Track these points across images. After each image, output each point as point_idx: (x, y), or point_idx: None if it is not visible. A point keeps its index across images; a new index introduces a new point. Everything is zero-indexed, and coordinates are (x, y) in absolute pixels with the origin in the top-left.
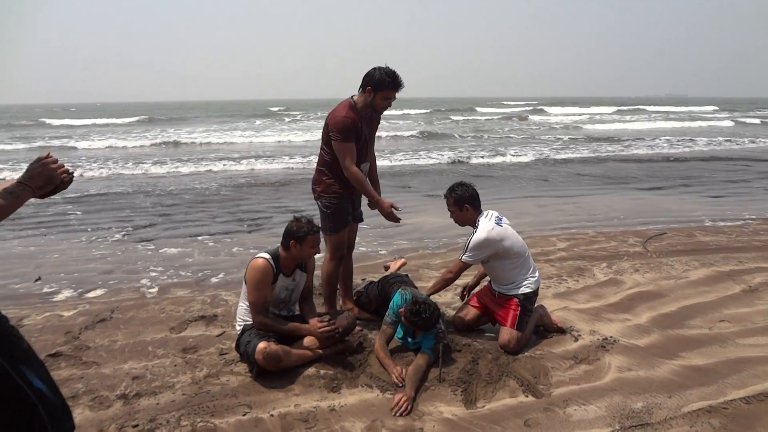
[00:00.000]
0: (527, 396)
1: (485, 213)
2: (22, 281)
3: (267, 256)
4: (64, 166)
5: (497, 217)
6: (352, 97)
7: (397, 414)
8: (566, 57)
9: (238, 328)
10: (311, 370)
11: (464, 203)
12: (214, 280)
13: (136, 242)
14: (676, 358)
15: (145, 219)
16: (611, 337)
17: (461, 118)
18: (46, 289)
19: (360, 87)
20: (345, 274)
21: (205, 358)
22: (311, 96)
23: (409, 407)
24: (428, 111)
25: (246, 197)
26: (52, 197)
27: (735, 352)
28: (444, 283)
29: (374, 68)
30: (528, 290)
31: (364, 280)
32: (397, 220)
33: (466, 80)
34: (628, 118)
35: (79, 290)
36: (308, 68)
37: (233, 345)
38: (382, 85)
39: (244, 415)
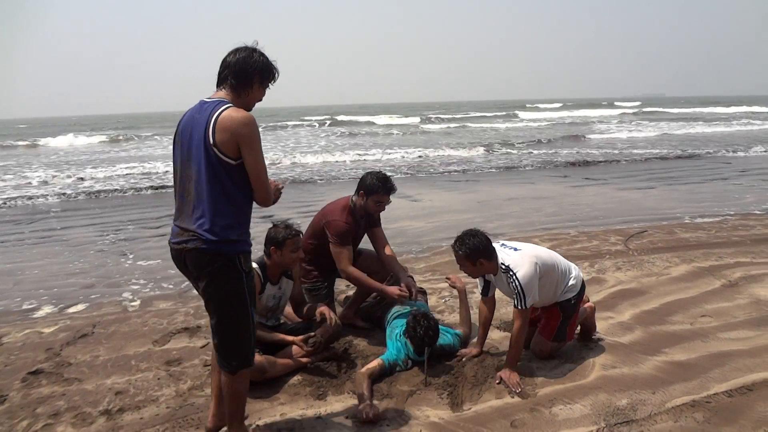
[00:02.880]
0: (513, 397)
1: (499, 250)
2: (1, 298)
3: (254, 264)
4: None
5: (503, 244)
6: (351, 198)
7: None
8: (542, 59)
9: None
10: (296, 379)
11: (478, 258)
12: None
13: (118, 255)
14: (659, 354)
15: (125, 231)
16: (595, 335)
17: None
18: (25, 306)
19: (355, 191)
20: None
21: (189, 370)
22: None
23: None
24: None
25: None
26: None
27: (717, 347)
28: (523, 341)
29: (367, 173)
30: (571, 294)
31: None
32: (411, 297)
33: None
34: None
35: (60, 306)
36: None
37: None
38: (373, 190)
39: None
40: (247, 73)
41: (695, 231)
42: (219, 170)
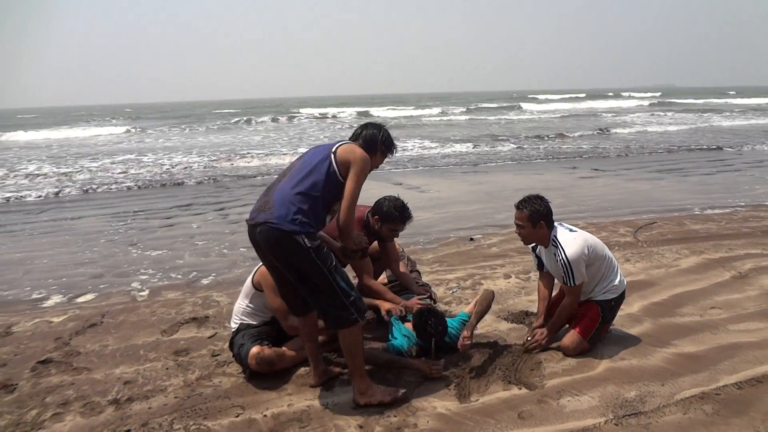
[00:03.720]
0: (520, 388)
1: (556, 227)
2: (11, 288)
3: None
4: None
5: (560, 223)
6: (367, 213)
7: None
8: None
9: (234, 325)
10: (304, 370)
11: (540, 220)
12: (205, 281)
13: (127, 245)
14: (668, 346)
15: (134, 221)
16: None
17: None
18: (35, 296)
19: (371, 211)
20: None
21: (197, 360)
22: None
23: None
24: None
25: (234, 197)
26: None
27: (726, 339)
28: (568, 316)
29: (384, 198)
30: (612, 296)
31: None
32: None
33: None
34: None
35: (69, 295)
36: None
37: (226, 345)
38: (389, 218)
39: (237, 416)
40: (374, 145)
41: (705, 222)
42: (328, 184)
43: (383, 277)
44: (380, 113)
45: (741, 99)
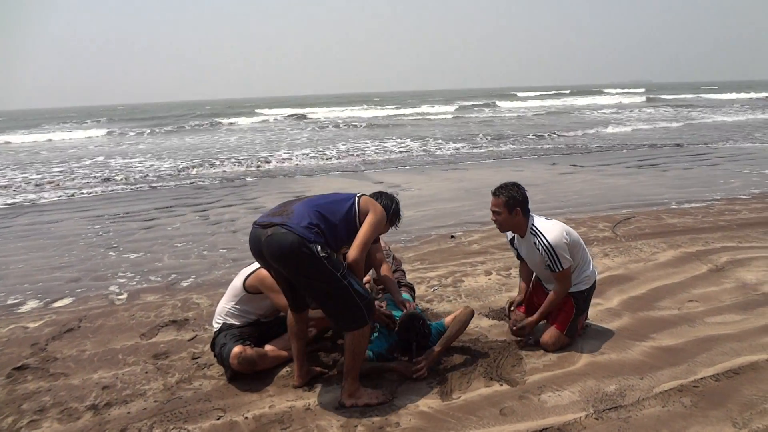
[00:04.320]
0: (502, 385)
1: (533, 216)
2: None
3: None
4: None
5: (538, 214)
6: None
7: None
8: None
9: (215, 326)
10: (286, 370)
11: (516, 206)
12: (184, 283)
13: (104, 248)
14: (646, 339)
15: (113, 224)
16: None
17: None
18: (10, 301)
19: None
20: None
21: (177, 364)
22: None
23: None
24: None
25: (214, 197)
26: None
27: (704, 331)
28: (557, 302)
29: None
30: (585, 287)
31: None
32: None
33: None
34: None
35: (45, 300)
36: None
37: (206, 348)
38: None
39: (218, 419)
40: (390, 218)
41: (682, 216)
42: (343, 224)
43: (368, 277)
44: (362, 114)
45: (726, 94)
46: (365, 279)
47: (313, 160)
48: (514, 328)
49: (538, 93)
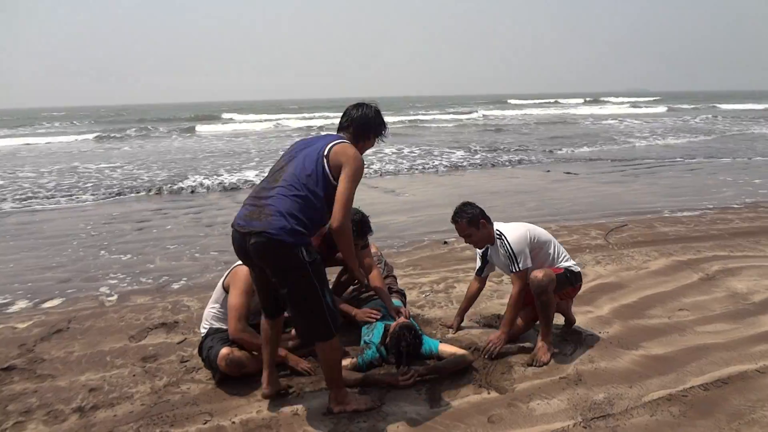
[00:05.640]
0: (490, 392)
1: (495, 223)
2: None
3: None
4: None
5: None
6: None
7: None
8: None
9: (203, 331)
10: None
11: (479, 219)
12: (175, 286)
13: (96, 249)
14: (636, 348)
15: (106, 225)
16: (574, 329)
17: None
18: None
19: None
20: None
21: (165, 367)
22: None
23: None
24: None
25: (208, 201)
26: None
27: (693, 340)
28: (521, 304)
29: None
30: (570, 263)
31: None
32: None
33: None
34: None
35: (35, 300)
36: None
37: (195, 351)
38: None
39: (205, 423)
40: (366, 129)
41: (674, 225)
42: (319, 182)
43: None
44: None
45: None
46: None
47: None
48: (492, 356)
49: (530, 101)
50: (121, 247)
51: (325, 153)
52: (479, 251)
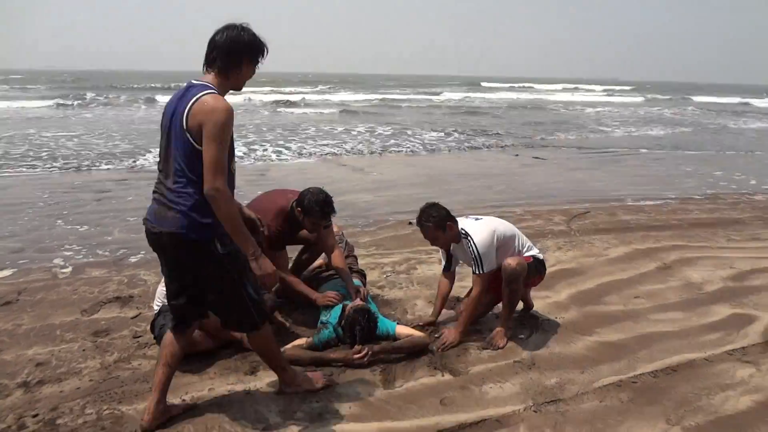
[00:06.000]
0: (444, 375)
1: (460, 220)
2: None
3: None
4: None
5: (467, 216)
6: (292, 203)
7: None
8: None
9: (155, 307)
10: (229, 352)
11: (446, 222)
12: (133, 259)
13: (53, 218)
14: (591, 334)
15: (64, 194)
16: (532, 313)
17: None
18: None
19: (296, 201)
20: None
21: (117, 342)
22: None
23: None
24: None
25: None
26: None
27: (647, 328)
28: (479, 307)
29: (308, 190)
30: (535, 251)
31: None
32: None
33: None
34: None
35: None
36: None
37: (148, 327)
38: (309, 212)
39: None
40: (235, 53)
41: (636, 213)
42: (192, 158)
43: (320, 261)
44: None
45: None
46: (317, 263)
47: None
48: (442, 350)
49: (504, 84)
50: (79, 218)
51: (185, 125)
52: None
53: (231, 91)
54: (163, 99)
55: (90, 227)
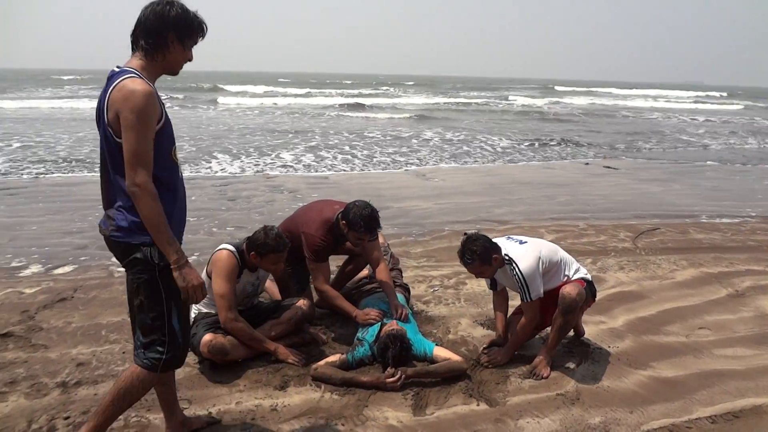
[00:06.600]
0: (479, 404)
1: (504, 244)
2: None
3: (232, 248)
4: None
5: (509, 237)
6: (338, 215)
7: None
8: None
9: (193, 315)
10: (260, 364)
11: (491, 255)
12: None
13: None
14: (645, 368)
15: None
16: (582, 341)
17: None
18: (14, 264)
19: (340, 212)
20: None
21: None
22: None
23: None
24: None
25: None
26: None
27: (709, 364)
28: (533, 331)
29: (354, 204)
30: (583, 273)
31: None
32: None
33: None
34: None
35: (48, 266)
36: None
37: None
38: (354, 226)
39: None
40: (159, 31)
41: (710, 232)
42: (116, 154)
43: (364, 272)
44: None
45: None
46: (362, 274)
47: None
48: (485, 360)
49: (578, 88)
50: None
51: (107, 119)
52: None
53: (166, 76)
54: (224, 100)
55: None
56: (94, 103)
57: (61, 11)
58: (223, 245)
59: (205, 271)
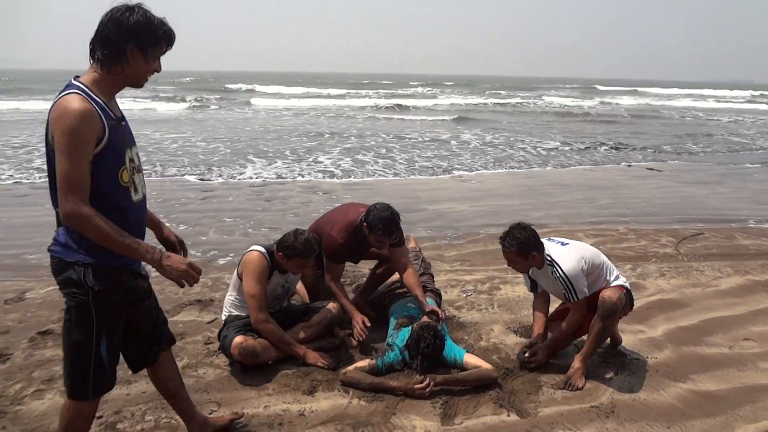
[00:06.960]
0: (510, 415)
1: (546, 245)
2: (37, 251)
3: (263, 249)
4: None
5: (550, 239)
6: (362, 217)
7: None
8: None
9: (223, 317)
10: (290, 368)
11: (530, 251)
12: (221, 261)
13: (158, 215)
14: (685, 380)
15: (169, 192)
16: (619, 350)
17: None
18: None
19: (363, 215)
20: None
21: (189, 347)
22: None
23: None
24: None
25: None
26: None
27: (753, 378)
28: (571, 334)
29: (375, 206)
30: (622, 280)
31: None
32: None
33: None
34: None
35: None
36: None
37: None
38: (373, 228)
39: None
40: (116, 41)
41: (758, 238)
42: (53, 175)
43: (396, 276)
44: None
45: None
46: (395, 277)
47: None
48: (526, 358)
49: (619, 87)
50: (181, 216)
51: (48, 137)
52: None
53: (130, 88)
54: (260, 102)
55: (188, 226)
56: None
57: (76, 11)
58: (254, 246)
59: (236, 272)
